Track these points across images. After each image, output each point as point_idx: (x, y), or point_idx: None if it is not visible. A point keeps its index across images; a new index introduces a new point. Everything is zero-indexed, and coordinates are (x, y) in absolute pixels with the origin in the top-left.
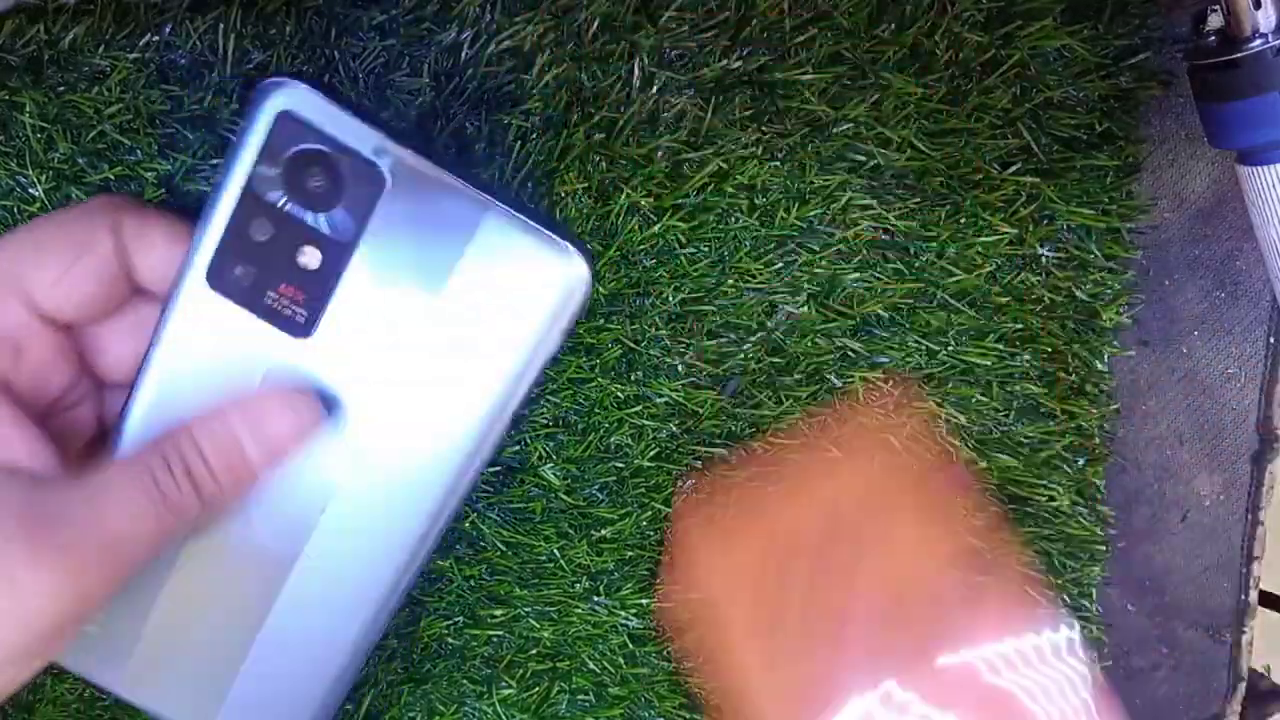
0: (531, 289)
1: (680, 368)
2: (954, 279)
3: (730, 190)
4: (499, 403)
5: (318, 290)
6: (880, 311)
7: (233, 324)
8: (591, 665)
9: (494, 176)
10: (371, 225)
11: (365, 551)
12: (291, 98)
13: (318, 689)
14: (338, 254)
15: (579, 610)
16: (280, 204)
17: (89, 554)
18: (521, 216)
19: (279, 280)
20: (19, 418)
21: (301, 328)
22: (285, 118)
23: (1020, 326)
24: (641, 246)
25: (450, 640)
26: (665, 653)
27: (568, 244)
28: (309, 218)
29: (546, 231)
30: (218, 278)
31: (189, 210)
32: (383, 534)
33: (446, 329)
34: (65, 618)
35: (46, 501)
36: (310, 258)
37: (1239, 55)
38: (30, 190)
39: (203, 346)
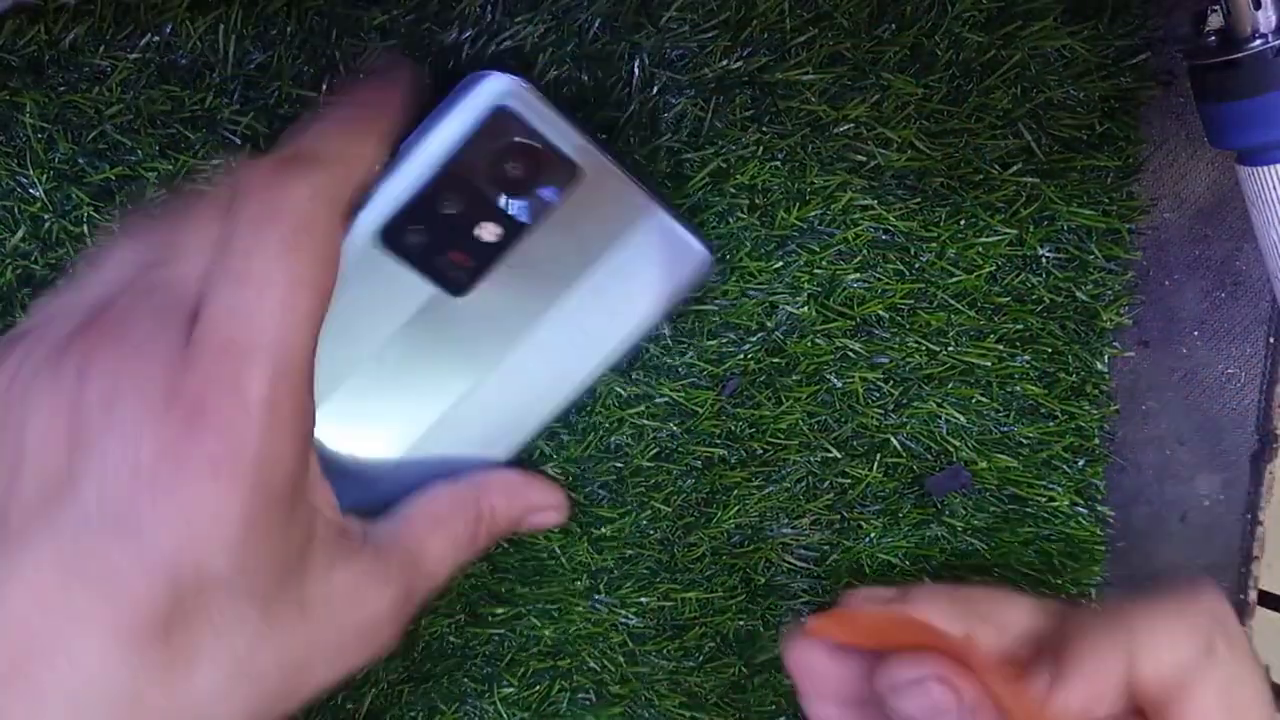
0: (661, 275)
1: (680, 368)
2: (954, 279)
3: (731, 190)
4: (594, 372)
5: (485, 258)
6: (880, 312)
7: (394, 277)
8: (592, 664)
9: None
10: (553, 212)
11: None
12: (510, 93)
13: None
14: (514, 232)
15: (579, 608)
16: (476, 184)
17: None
18: (672, 215)
19: (452, 247)
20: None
21: (458, 288)
22: (501, 111)
23: (1020, 327)
24: None
25: (451, 639)
26: (665, 651)
27: (699, 243)
28: (500, 200)
29: (687, 230)
30: (392, 238)
31: None
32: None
33: (582, 301)
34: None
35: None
36: (488, 232)
37: (1239, 55)
38: (31, 190)
39: (358, 293)
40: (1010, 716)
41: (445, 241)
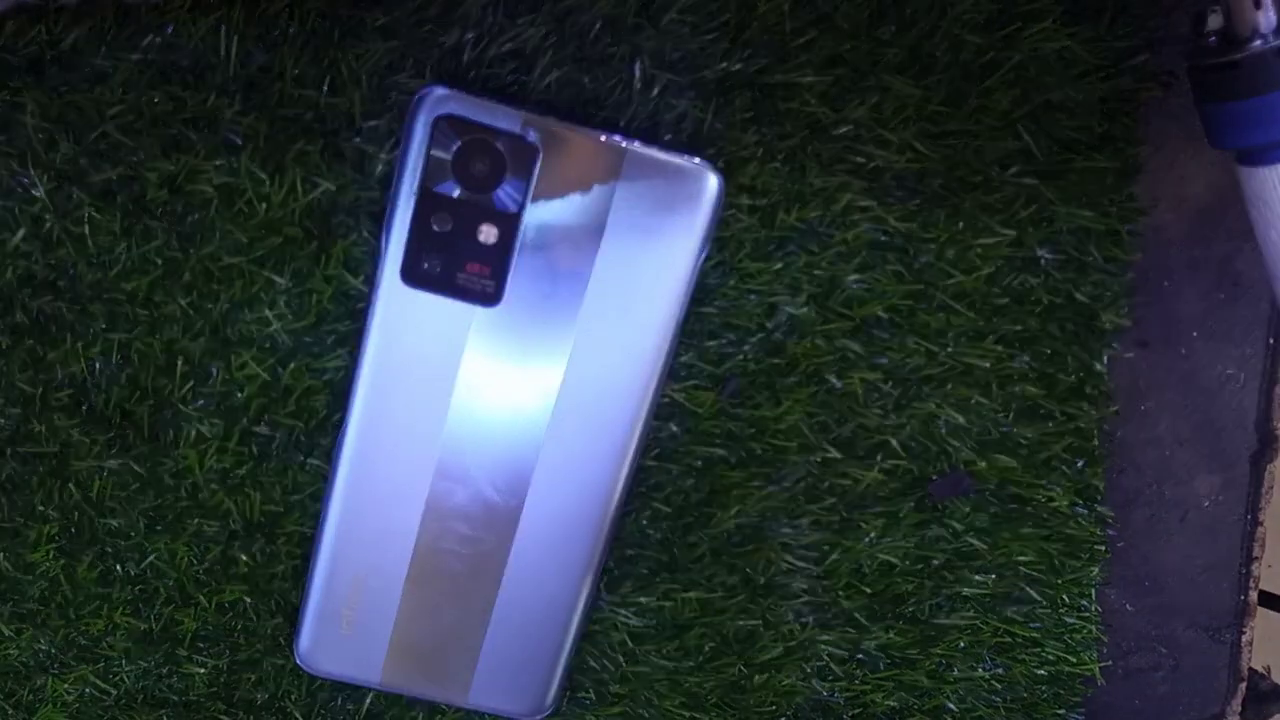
0: (676, 207)
1: (680, 368)
2: (953, 280)
3: (731, 191)
4: (672, 318)
5: (499, 260)
6: (880, 313)
7: (430, 311)
8: (592, 663)
9: None
10: (533, 191)
11: (580, 490)
12: (442, 101)
13: (556, 640)
14: (510, 224)
15: None
16: (455, 195)
17: None
18: (655, 148)
19: (465, 261)
20: None
21: (491, 297)
22: (443, 119)
23: (1019, 328)
24: None
25: None
26: (665, 651)
27: (697, 160)
28: (481, 199)
29: (678, 155)
30: (411, 274)
31: None
32: (593, 468)
33: (614, 262)
34: None
35: None
36: (488, 234)
37: (1239, 56)
38: (33, 191)
39: (407, 338)
40: None
41: (456, 258)
